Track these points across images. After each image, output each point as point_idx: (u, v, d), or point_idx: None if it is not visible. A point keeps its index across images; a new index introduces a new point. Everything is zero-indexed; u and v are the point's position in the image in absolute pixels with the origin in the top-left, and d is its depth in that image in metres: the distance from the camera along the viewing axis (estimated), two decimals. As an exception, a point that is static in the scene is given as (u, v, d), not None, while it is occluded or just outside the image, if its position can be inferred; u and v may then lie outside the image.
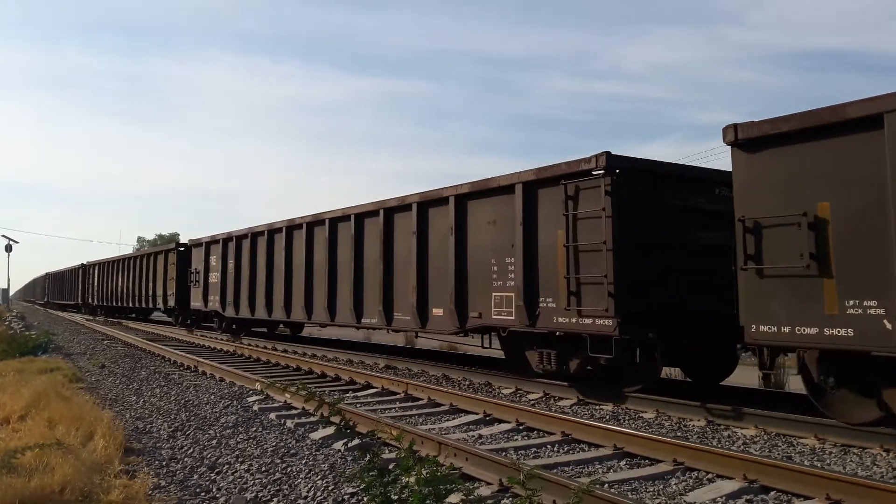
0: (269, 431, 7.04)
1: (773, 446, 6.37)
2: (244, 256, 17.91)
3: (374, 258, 12.46)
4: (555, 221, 8.81)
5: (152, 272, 26.08)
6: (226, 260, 18.99)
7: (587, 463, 5.77)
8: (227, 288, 18.80)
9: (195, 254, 21.63)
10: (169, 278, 23.83)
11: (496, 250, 9.71)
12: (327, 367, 11.76)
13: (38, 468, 4.81)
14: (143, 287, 27.15)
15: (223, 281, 18.96)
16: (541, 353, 9.17)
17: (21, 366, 11.84)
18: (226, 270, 18.88)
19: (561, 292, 8.62)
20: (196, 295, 21.25)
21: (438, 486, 3.65)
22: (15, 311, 41.77)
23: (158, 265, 25.43)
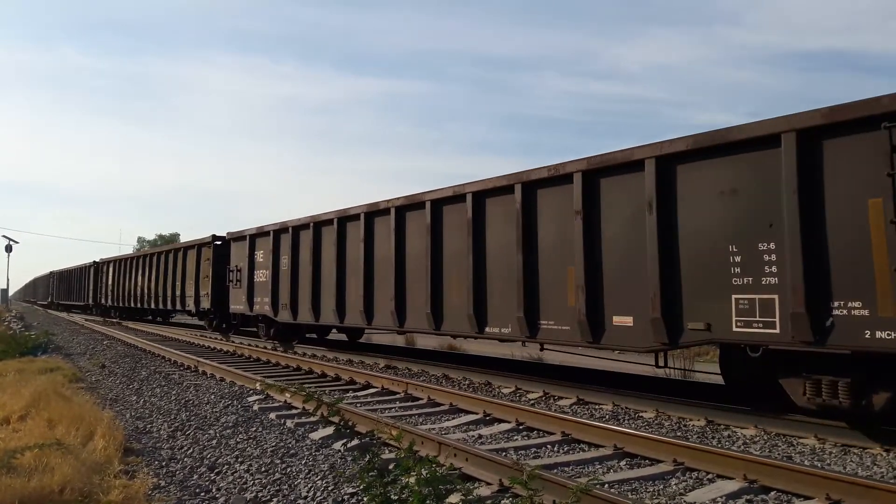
0: (269, 431, 7.03)
1: (773, 446, 6.37)
2: (303, 250, 14.68)
3: (503, 248, 9.51)
4: (863, 185, 5.94)
5: (180, 270, 22.74)
6: (278, 255, 15.83)
7: (587, 463, 5.76)
8: (279, 288, 15.67)
9: (235, 249, 18.24)
10: (202, 276, 20.50)
11: (738, 233, 6.75)
12: (327, 367, 11.76)
13: (37, 468, 4.81)
14: (169, 287, 23.85)
15: (275, 280, 15.77)
16: (816, 381, 6.46)
17: (21, 366, 11.83)
18: (278, 267, 15.72)
19: (881, 293, 5.78)
20: (237, 296, 18.00)
21: (438, 486, 3.65)
22: (14, 312, 41.75)
23: (188, 262, 22.03)
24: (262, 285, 16.54)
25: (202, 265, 20.65)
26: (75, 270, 43.16)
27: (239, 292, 17.83)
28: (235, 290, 18.05)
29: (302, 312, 14.75)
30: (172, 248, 24.22)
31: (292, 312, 15.06)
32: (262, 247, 16.67)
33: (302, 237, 14.86)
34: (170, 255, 24.10)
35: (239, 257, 17.94)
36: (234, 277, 18.02)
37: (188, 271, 21.92)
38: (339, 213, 13.43)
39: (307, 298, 14.32)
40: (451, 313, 10.44)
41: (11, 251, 45.25)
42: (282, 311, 15.53)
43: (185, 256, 22.38)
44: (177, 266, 23.16)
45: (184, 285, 22.32)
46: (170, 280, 23.78)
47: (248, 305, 17.16)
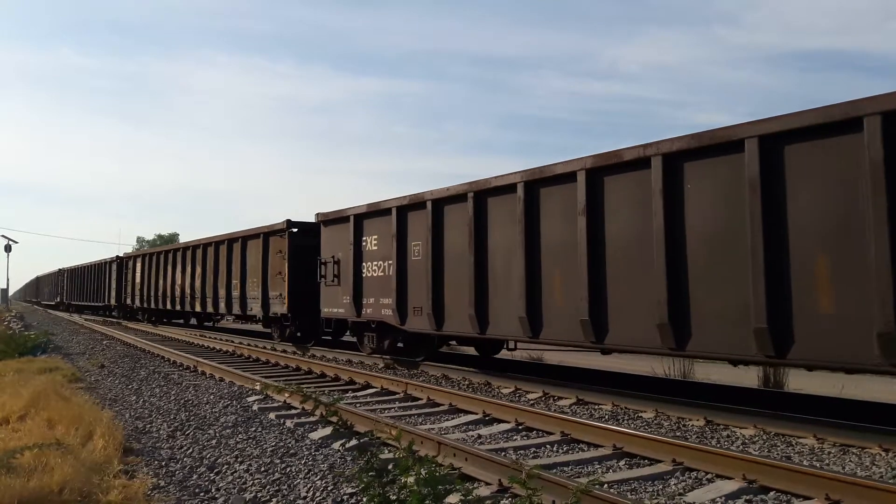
0: (269, 431, 7.03)
1: (772, 446, 6.37)
2: (453, 233, 10.60)
3: (633, 240, 7.71)
4: None
5: (237, 266, 18.40)
6: (404, 240, 11.65)
7: (586, 463, 5.76)
8: (409, 286, 11.57)
9: (329, 236, 14.05)
10: (273, 274, 16.34)
11: None
12: (327, 367, 11.76)
13: (37, 468, 4.81)
14: (221, 286, 19.40)
15: (401, 274, 11.67)
16: None
17: (20, 366, 11.84)
18: (405, 257, 11.63)
19: None
20: (332, 297, 13.82)
21: (437, 486, 3.65)
22: (14, 311, 41.74)
23: (250, 256, 17.83)
24: (378, 282, 12.29)
25: (272, 259, 16.46)
26: (92, 267, 37.67)
27: (335, 292, 13.58)
28: (330, 290, 13.75)
29: (453, 319, 10.57)
30: (226, 239, 19.34)
31: (434, 319, 10.85)
32: (377, 230, 12.43)
33: (450, 214, 10.68)
34: (220, 248, 19.60)
35: (335, 245, 13.69)
36: (329, 272, 13.71)
37: (250, 267, 17.72)
38: (524, 174, 9.15)
39: (465, 300, 10.13)
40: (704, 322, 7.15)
41: (11, 251, 45.24)
42: (413, 317, 11.43)
43: (245, 249, 18.05)
44: (232, 261, 18.83)
45: (243, 284, 17.98)
46: (222, 278, 19.38)
47: (354, 308, 12.89)
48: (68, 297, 45.70)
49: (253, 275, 17.55)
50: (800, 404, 7.76)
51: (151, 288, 26.21)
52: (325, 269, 13.95)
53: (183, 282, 22.68)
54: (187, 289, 22.25)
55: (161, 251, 25.72)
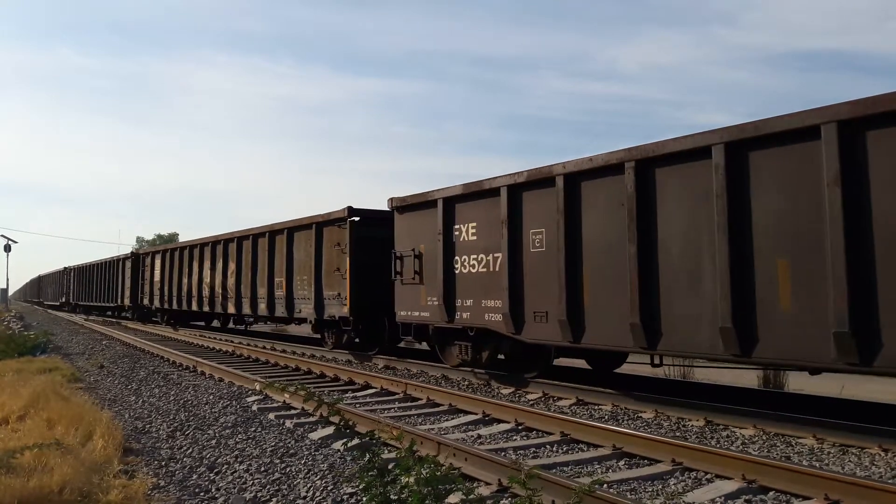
0: (269, 431, 7.04)
1: (771, 446, 6.37)
2: (596, 218, 8.29)
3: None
4: None
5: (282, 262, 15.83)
6: (518, 229, 9.30)
7: (586, 463, 5.77)
8: (526, 285, 9.17)
9: (407, 225, 11.58)
10: (329, 270, 13.90)
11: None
12: (326, 367, 11.76)
13: (36, 468, 4.81)
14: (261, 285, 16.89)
15: (515, 270, 9.29)
16: None
17: (20, 366, 11.84)
18: (518, 249, 9.27)
19: None
20: (411, 298, 11.34)
21: (438, 485, 3.65)
22: (14, 311, 41.73)
23: (298, 250, 15.32)
24: (479, 280, 9.94)
25: (327, 253, 14.05)
26: (103, 265, 34.85)
27: (415, 292, 11.23)
28: (408, 289, 11.37)
29: (598, 328, 8.18)
30: (267, 231, 16.77)
31: (569, 328, 8.42)
32: (476, 215, 10.08)
33: (592, 192, 8.32)
34: (260, 242, 17.13)
35: (415, 236, 11.31)
36: (407, 269, 11.33)
37: (298, 262, 15.29)
38: (730, 132, 6.92)
39: (620, 304, 7.81)
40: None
41: (10, 251, 45.21)
42: (534, 324, 9.01)
43: (292, 242, 15.59)
44: (274, 256, 16.40)
45: (289, 283, 15.53)
46: (261, 275, 16.91)
47: (445, 312, 10.48)
48: (75, 297, 42.63)
49: (302, 271, 15.08)
50: (799, 405, 7.76)
51: (173, 287, 23.49)
52: (401, 264, 11.48)
53: (212, 280, 19.97)
54: (218, 288, 19.56)
55: (186, 246, 22.62)
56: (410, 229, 11.52)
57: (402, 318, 11.64)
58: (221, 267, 19.41)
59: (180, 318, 24.69)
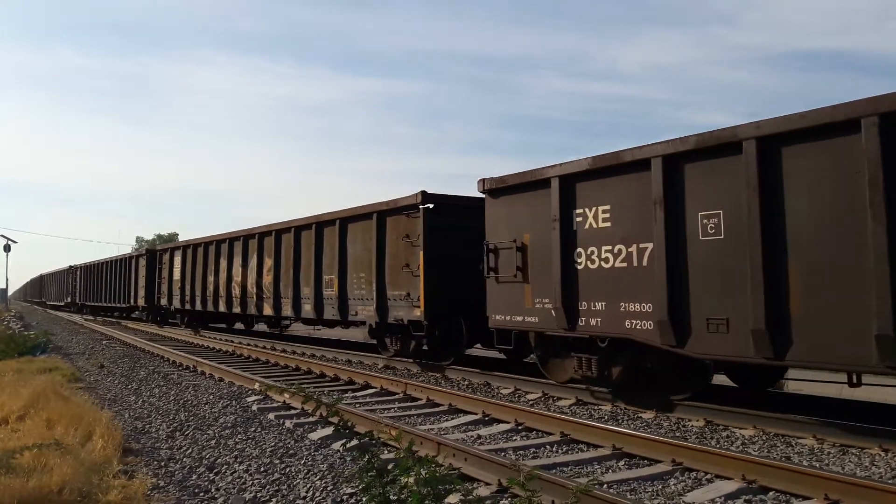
0: (268, 432, 7.03)
1: (771, 447, 6.37)
2: (807, 192, 6.36)
3: None
4: None
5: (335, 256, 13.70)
6: (677, 211, 7.34)
7: (586, 463, 5.77)
8: (693, 283, 7.19)
9: (501, 211, 9.68)
10: (397, 266, 11.94)
11: None
12: (326, 367, 11.76)
13: (36, 468, 4.81)
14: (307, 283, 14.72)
15: (673, 265, 7.34)
16: None
17: (20, 366, 11.84)
18: (677, 238, 7.34)
19: None
20: (510, 298, 9.39)
21: (437, 486, 3.65)
22: (14, 311, 41.75)
23: (353, 243, 13.39)
24: (614, 277, 7.96)
25: (392, 246, 12.17)
26: (113, 263, 32.54)
27: (515, 291, 9.26)
28: (506, 288, 9.43)
29: (820, 342, 6.22)
30: (313, 223, 14.66)
31: (768, 340, 6.50)
32: (609, 196, 8.08)
33: (798, 161, 6.40)
34: (304, 235, 15.06)
35: (515, 224, 9.34)
36: (504, 264, 9.42)
37: (354, 257, 13.27)
38: None
39: (856, 308, 5.94)
40: None
41: (10, 251, 45.20)
42: (706, 334, 7.02)
43: (345, 234, 13.55)
44: (322, 250, 14.35)
45: (342, 281, 13.47)
46: (306, 273, 14.82)
47: (563, 316, 8.45)
48: (82, 297, 40.10)
49: (358, 268, 13.09)
50: (800, 405, 7.75)
51: (196, 286, 21.23)
52: (495, 258, 9.58)
53: (244, 278, 17.87)
54: (251, 287, 17.43)
55: (212, 241, 20.31)
56: (509, 216, 9.48)
57: (497, 324, 9.56)
58: (255, 264, 17.27)
59: (202, 321, 22.62)
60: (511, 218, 9.48)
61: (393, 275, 12.09)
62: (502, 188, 9.63)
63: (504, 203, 9.64)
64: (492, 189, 9.79)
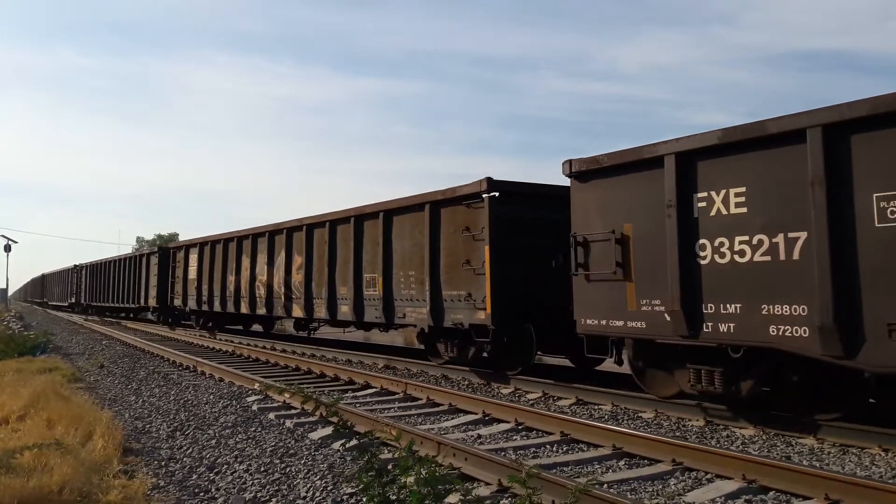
0: (268, 431, 7.03)
1: (771, 446, 6.37)
2: None
3: None
4: None
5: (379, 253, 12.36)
6: (843, 192, 6.05)
7: (586, 463, 5.77)
8: (865, 279, 5.91)
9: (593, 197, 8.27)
10: (456, 263, 10.55)
11: None
12: (326, 367, 11.76)
13: (36, 468, 4.81)
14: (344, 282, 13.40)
15: (840, 258, 6.04)
16: None
17: (19, 366, 11.84)
18: (844, 225, 6.07)
19: None
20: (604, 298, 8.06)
21: (437, 486, 3.65)
22: (14, 311, 41.75)
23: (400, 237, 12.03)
24: (757, 273, 6.69)
25: (451, 241, 10.71)
26: (121, 262, 31.09)
27: (615, 291, 7.88)
28: (601, 288, 8.05)
29: None
30: (352, 216, 13.28)
31: None
32: (743, 177, 6.85)
33: None
34: (340, 230, 13.72)
35: (612, 212, 8.00)
36: (599, 259, 8.06)
37: (401, 254, 11.92)
38: None
39: None
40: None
41: (10, 251, 45.19)
42: (887, 342, 5.81)
43: (389, 228, 12.21)
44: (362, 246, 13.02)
45: (387, 280, 12.12)
46: (342, 271, 13.52)
47: (683, 322, 7.19)
48: (88, 297, 38.26)
49: (406, 265, 11.73)
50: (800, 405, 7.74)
51: (214, 286, 19.89)
52: (584, 253, 8.25)
53: (270, 277, 16.57)
54: (278, 286, 16.14)
55: (233, 237, 18.96)
56: (605, 203, 8.12)
57: (588, 329, 8.22)
58: (283, 261, 15.87)
59: (220, 322, 21.37)
60: (607, 205, 8.10)
61: (450, 273, 10.76)
62: (595, 170, 8.21)
63: (597, 188, 8.24)
64: (581, 172, 8.35)
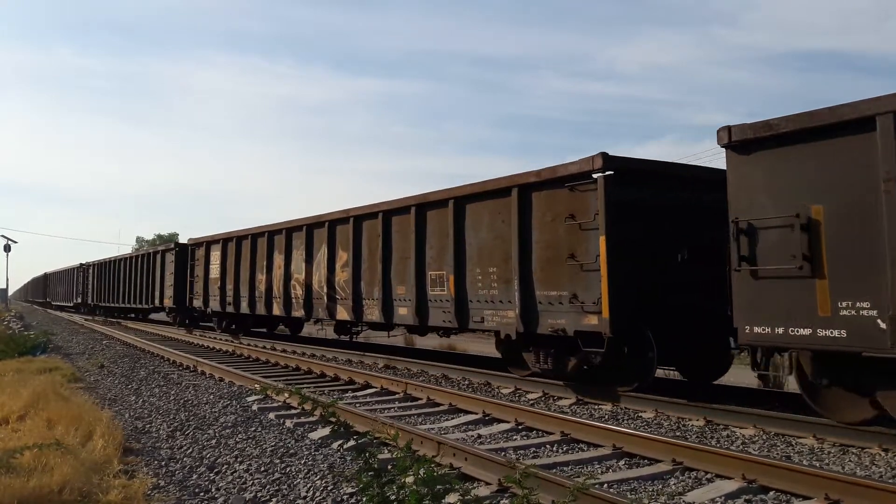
0: (269, 431, 7.03)
1: (771, 446, 6.37)
2: None
3: None
4: None
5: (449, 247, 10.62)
6: None
7: (586, 463, 5.76)
8: None
9: (770, 170, 6.57)
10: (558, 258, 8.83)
11: None
12: (326, 367, 11.75)
13: (37, 468, 4.82)
14: (401, 280, 11.82)
15: None
16: None
17: (19, 366, 11.85)
18: None
19: None
20: (791, 301, 6.31)
21: (436, 485, 3.65)
22: (14, 311, 41.77)
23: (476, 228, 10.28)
24: None
25: (547, 231, 9.10)
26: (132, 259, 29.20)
27: (799, 292, 6.32)
28: (776, 287, 6.55)
29: None
30: (412, 205, 11.51)
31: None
32: None
33: None
34: (397, 221, 12.01)
35: (792, 191, 6.47)
36: (774, 251, 6.58)
37: (476, 248, 10.25)
38: None
39: None
40: None
41: (10, 251, 45.20)
42: None
43: (462, 218, 10.47)
44: (425, 240, 11.26)
45: (459, 278, 10.42)
46: (400, 268, 11.84)
47: None
48: (95, 297, 36.30)
49: (485, 261, 9.99)
50: (800, 404, 7.75)
51: (241, 285, 18.09)
52: (750, 243, 6.73)
53: (308, 276, 14.73)
54: (318, 286, 14.35)
55: (263, 231, 17.03)
56: (779, 179, 6.59)
57: (756, 339, 6.66)
58: (324, 258, 14.08)
59: (245, 325, 19.54)
60: (784, 182, 6.55)
61: (548, 270, 8.99)
62: (765, 138, 6.59)
63: (768, 160, 6.65)
64: (744, 141, 6.74)
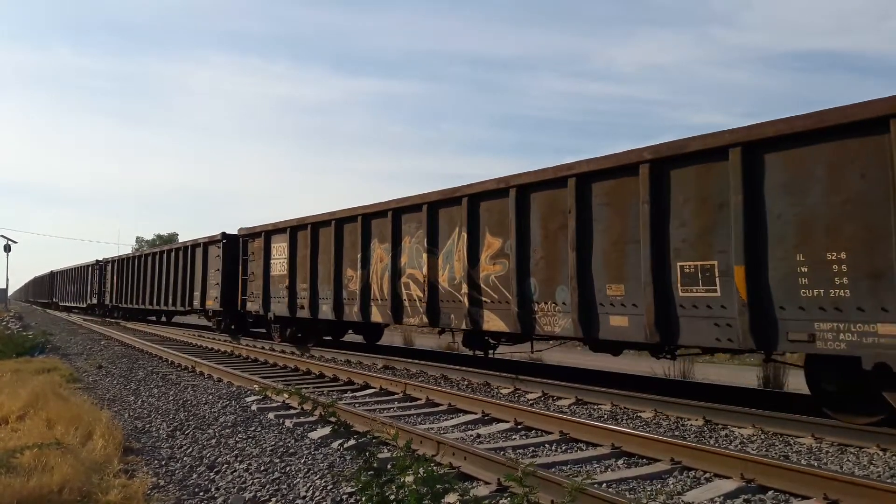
0: (268, 431, 7.04)
1: (770, 446, 6.38)
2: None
3: None
4: None
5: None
6: None
7: (585, 462, 5.77)
8: None
9: None
10: None
11: None
12: (325, 368, 11.76)
13: (36, 468, 4.81)
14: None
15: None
16: None
17: (18, 366, 11.83)
18: None
19: None
20: None
21: (435, 485, 3.65)
22: (13, 312, 41.72)
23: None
24: None
25: None
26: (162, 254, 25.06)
27: None
28: None
29: None
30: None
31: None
32: None
33: None
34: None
35: None
36: None
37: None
38: None
39: None
40: None
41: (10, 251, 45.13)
42: None
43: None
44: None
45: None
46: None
47: None
48: (115, 297, 31.67)
49: (818, 241, 6.23)
50: (799, 404, 7.77)
51: (322, 284, 14.35)
52: None
53: (432, 271, 11.05)
54: (449, 285, 10.70)
55: (354, 214, 13.18)
56: None
57: None
58: (461, 247, 10.35)
59: (315, 332, 15.99)
60: None
61: None
62: None
63: None
64: None
